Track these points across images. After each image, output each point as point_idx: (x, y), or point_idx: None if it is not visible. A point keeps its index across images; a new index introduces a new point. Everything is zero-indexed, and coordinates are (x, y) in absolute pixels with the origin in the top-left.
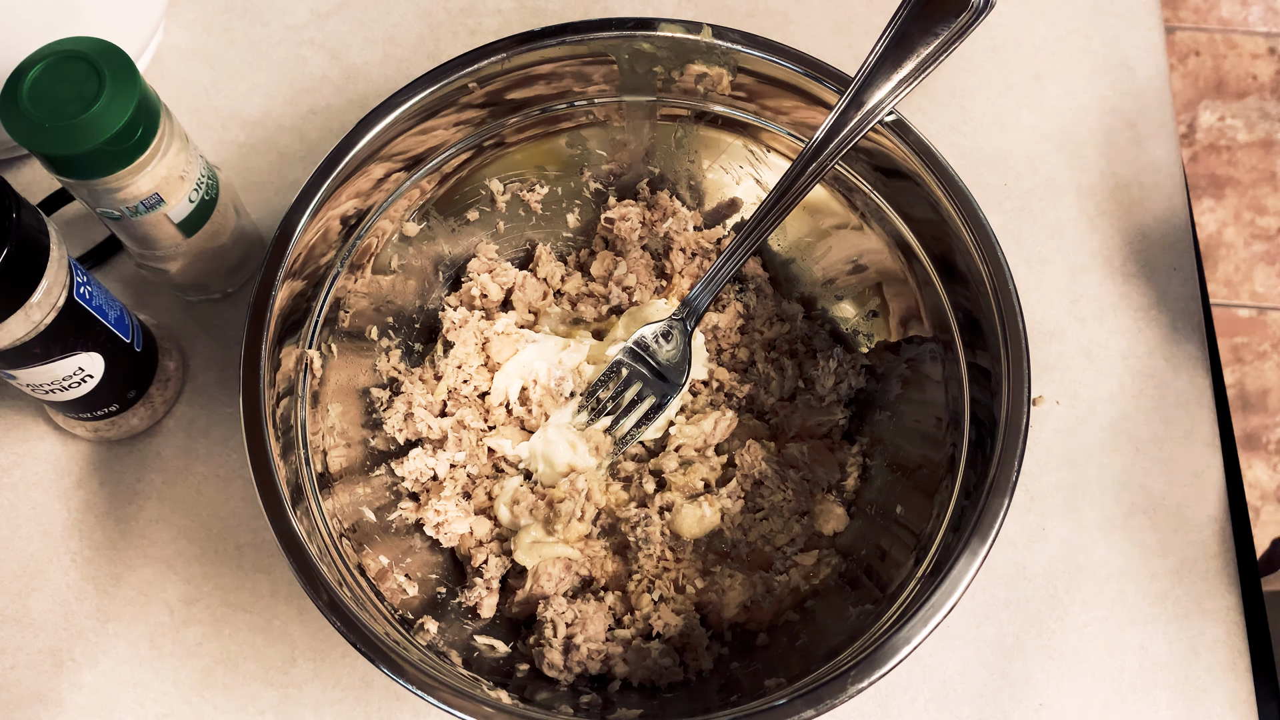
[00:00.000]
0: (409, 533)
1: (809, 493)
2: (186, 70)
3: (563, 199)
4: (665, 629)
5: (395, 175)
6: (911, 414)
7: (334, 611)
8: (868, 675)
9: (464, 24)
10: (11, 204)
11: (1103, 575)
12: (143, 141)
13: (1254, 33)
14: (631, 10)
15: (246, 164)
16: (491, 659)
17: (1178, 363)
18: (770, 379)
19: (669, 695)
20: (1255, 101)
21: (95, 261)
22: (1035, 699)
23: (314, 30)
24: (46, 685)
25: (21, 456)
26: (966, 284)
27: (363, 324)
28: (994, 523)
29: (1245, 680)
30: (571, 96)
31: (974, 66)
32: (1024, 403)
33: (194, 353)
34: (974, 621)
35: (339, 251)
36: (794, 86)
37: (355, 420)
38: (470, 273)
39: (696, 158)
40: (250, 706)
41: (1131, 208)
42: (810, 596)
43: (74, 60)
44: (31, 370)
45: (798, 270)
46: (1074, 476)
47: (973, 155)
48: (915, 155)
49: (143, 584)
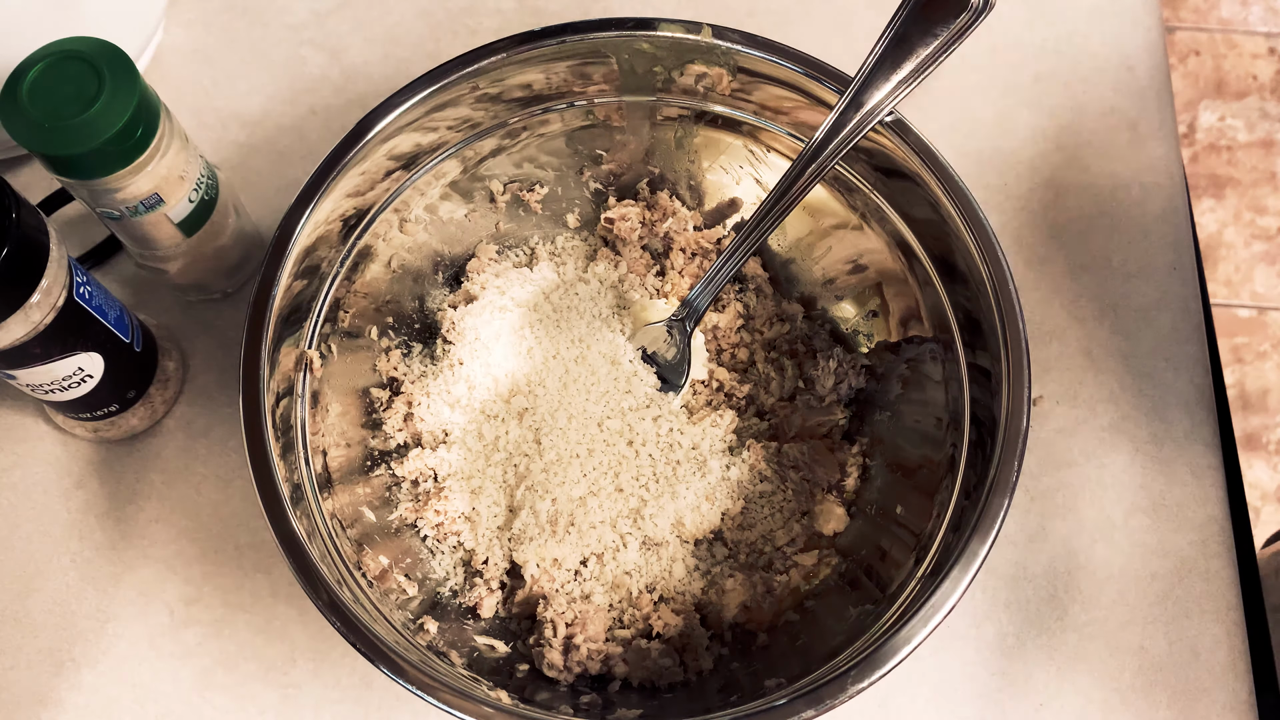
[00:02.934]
0: (409, 533)
1: (809, 493)
2: (186, 70)
3: (563, 199)
4: (665, 629)
5: (395, 175)
6: (911, 414)
7: (334, 611)
8: (868, 675)
9: (464, 24)
10: (11, 204)
11: (1103, 575)
12: (143, 141)
13: (1254, 33)
14: (631, 10)
15: (246, 164)
16: (491, 659)
17: (1178, 363)
18: (770, 379)
19: (669, 695)
20: (1255, 101)
21: (95, 261)
22: (1035, 699)
23: (314, 30)
24: (46, 685)
25: (21, 456)
26: (966, 284)
27: (363, 324)
28: (994, 523)
29: (1245, 680)
30: (571, 96)
31: (974, 66)
32: (1024, 403)
33: (194, 353)
34: (974, 621)
35: (339, 251)
36: (794, 86)
37: (355, 420)
38: (470, 273)
39: (696, 158)
40: (250, 706)
41: (1131, 208)
42: (810, 596)
43: (74, 60)
44: (31, 370)
45: (798, 270)
46: (1074, 476)
47: (973, 155)
48: (915, 155)
49: (143, 584)
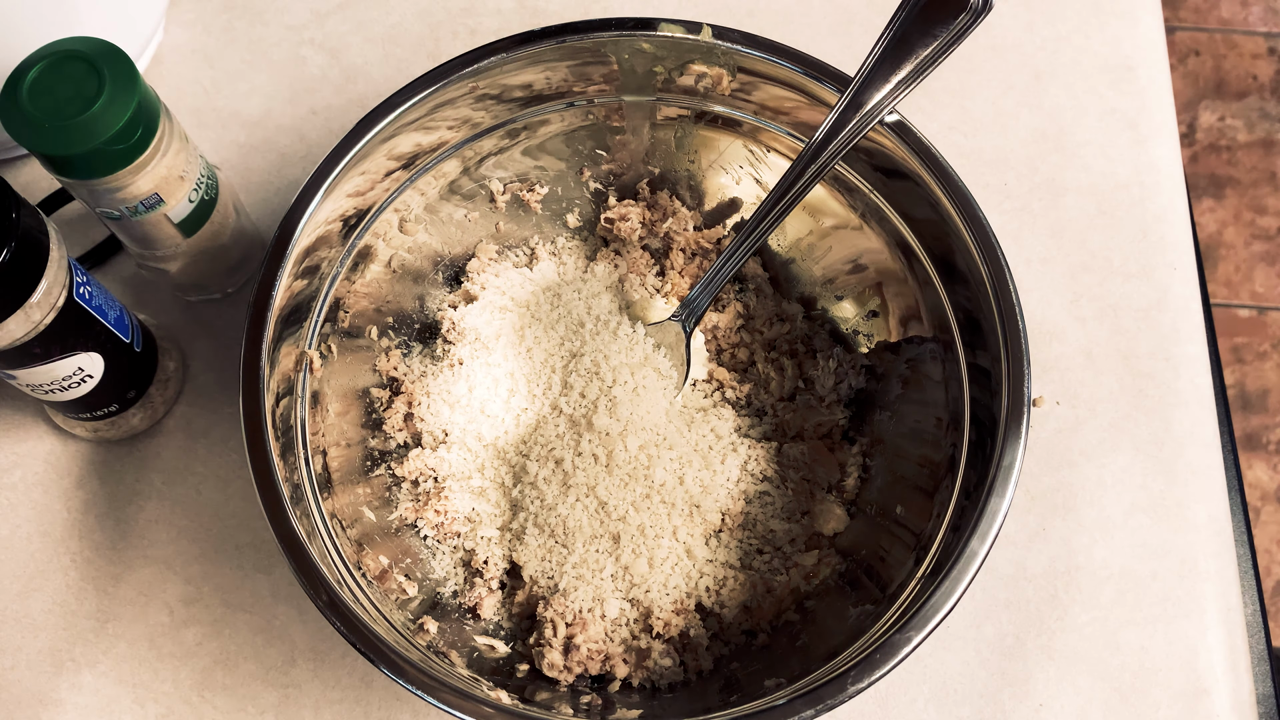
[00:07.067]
0: (409, 533)
1: (809, 493)
2: (186, 70)
3: (563, 199)
4: (665, 629)
5: (395, 175)
6: (911, 414)
7: (334, 611)
8: (868, 675)
9: (464, 24)
10: (11, 204)
11: (1103, 575)
12: (142, 141)
13: (1254, 33)
14: (631, 10)
15: (246, 164)
16: (491, 659)
17: (1178, 363)
18: (770, 379)
19: (669, 695)
20: (1255, 101)
21: (95, 261)
22: (1035, 699)
23: (314, 30)
24: (46, 685)
25: (21, 456)
26: (966, 284)
27: (363, 324)
28: (994, 523)
29: (1245, 680)
30: (571, 96)
31: (974, 66)
32: (1024, 403)
33: (194, 353)
34: (974, 621)
35: (339, 251)
36: (794, 86)
37: (355, 420)
38: (470, 273)
39: (696, 158)
40: (250, 706)
41: (1131, 208)
42: (810, 596)
43: (74, 60)
44: (31, 370)
45: (798, 270)
46: (1074, 476)
47: (973, 155)
48: (915, 155)
49: (143, 584)
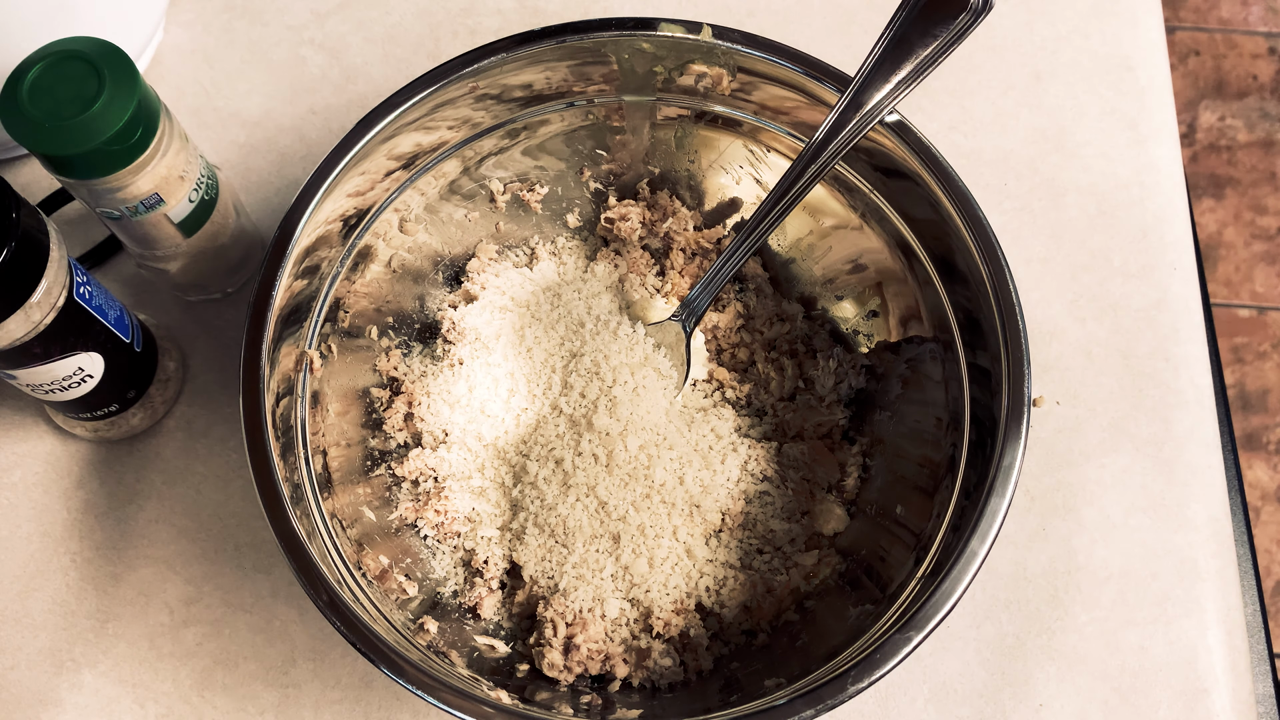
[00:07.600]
0: (409, 533)
1: (809, 493)
2: (186, 70)
3: (563, 199)
4: (665, 629)
5: (395, 175)
6: (911, 414)
7: (334, 611)
8: (868, 675)
9: (464, 24)
10: (11, 204)
11: (1103, 575)
12: (142, 141)
13: (1254, 33)
14: (631, 10)
15: (246, 164)
16: (491, 659)
17: (1178, 363)
18: (770, 379)
19: (669, 695)
20: (1255, 101)
21: (95, 261)
22: (1035, 699)
23: (314, 30)
24: (46, 685)
25: (21, 456)
26: (966, 284)
27: (363, 324)
28: (994, 523)
29: (1245, 680)
30: (571, 96)
31: (974, 66)
32: (1024, 403)
33: (194, 353)
34: (974, 621)
35: (339, 251)
36: (794, 86)
37: (355, 420)
38: (470, 272)
39: (696, 158)
40: (250, 706)
41: (1131, 208)
42: (810, 596)
43: (74, 60)
44: (31, 370)
45: (798, 270)
46: (1074, 476)
47: (973, 155)
48: (915, 155)
49: (143, 584)
